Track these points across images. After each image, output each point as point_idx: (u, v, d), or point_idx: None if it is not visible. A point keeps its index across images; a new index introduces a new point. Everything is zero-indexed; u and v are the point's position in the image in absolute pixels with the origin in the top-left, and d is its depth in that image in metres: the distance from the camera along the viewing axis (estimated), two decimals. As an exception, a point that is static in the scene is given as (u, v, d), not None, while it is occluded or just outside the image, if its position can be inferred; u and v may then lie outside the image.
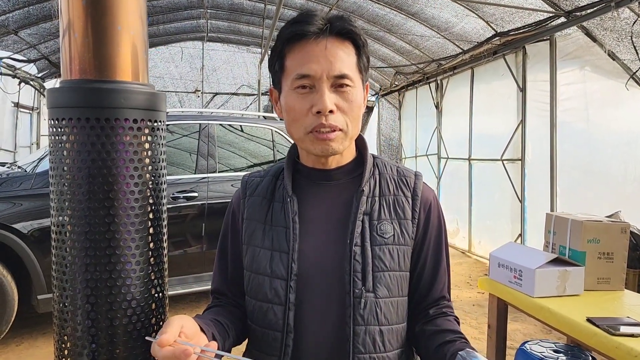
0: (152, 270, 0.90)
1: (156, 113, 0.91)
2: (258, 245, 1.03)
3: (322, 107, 0.92)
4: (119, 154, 0.85)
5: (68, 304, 0.85)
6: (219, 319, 1.00)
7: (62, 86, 0.87)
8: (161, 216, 0.93)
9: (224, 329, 0.99)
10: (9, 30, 6.53)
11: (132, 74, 0.89)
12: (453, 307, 1.10)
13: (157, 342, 0.78)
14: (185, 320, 0.84)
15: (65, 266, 0.85)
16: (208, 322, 0.95)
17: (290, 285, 0.97)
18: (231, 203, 1.13)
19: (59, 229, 0.86)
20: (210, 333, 0.92)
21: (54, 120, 0.86)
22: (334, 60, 0.94)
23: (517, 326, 4.02)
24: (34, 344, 3.59)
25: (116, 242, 0.85)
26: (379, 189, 1.04)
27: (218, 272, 1.13)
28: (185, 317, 0.85)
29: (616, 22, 4.18)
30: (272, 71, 1.03)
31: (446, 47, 6.60)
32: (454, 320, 1.06)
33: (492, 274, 2.38)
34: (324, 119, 0.93)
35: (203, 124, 4.35)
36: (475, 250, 6.56)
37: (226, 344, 0.98)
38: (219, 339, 0.94)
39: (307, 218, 1.02)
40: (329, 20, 0.96)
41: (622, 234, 2.20)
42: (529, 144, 5.38)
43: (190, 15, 8.64)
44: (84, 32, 0.85)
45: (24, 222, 3.37)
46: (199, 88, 10.53)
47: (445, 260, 1.09)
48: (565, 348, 2.12)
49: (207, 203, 4.12)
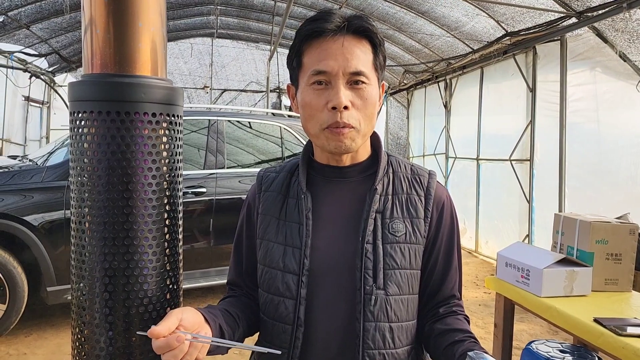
0: (167, 261, 0.92)
1: (174, 107, 0.93)
2: (272, 239, 1.05)
3: (337, 103, 0.94)
4: (137, 146, 0.86)
5: (86, 292, 0.88)
6: (229, 310, 1.02)
7: (84, 80, 0.89)
8: (177, 208, 0.95)
9: (233, 319, 1.01)
10: (21, 24, 6.59)
11: (152, 69, 0.91)
12: (463, 306, 1.10)
13: (148, 333, 0.79)
14: (186, 312, 0.85)
15: (85, 255, 0.87)
16: (216, 313, 0.96)
17: (302, 280, 0.99)
18: (247, 197, 1.15)
19: (79, 219, 0.88)
20: (217, 324, 0.93)
21: (75, 113, 0.88)
22: (351, 57, 0.95)
23: (523, 327, 4.02)
24: (42, 335, 3.64)
25: (134, 232, 0.87)
26: (392, 187, 1.06)
27: (234, 264, 1.16)
28: (188, 308, 0.86)
29: (628, 23, 4.16)
30: (290, 68, 1.05)
31: (456, 46, 6.58)
32: (464, 319, 1.06)
33: (499, 274, 2.38)
34: (339, 116, 0.95)
35: (212, 120, 4.38)
36: (482, 250, 6.55)
37: (236, 334, 1.00)
38: (227, 330, 0.96)
39: (320, 215, 1.04)
40: (347, 18, 0.97)
41: (630, 235, 2.20)
42: (537, 145, 5.37)
43: (200, 11, 8.67)
44: (105, 27, 0.87)
45: (35, 215, 3.41)
46: (207, 84, 10.57)
47: (457, 260, 1.09)
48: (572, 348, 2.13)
49: (215, 199, 4.15)
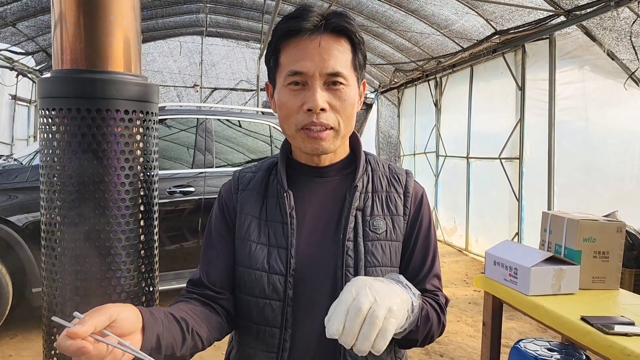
0: (142, 263, 0.89)
1: (148, 104, 0.90)
2: (254, 240, 1.01)
3: (313, 105, 0.92)
4: (109, 145, 0.84)
5: (57, 295, 0.85)
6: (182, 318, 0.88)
7: (53, 76, 0.86)
8: (152, 208, 0.92)
9: (180, 330, 0.87)
10: (7, 22, 6.50)
11: (125, 65, 0.88)
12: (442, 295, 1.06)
13: (67, 333, 0.66)
14: (125, 311, 0.73)
15: (55, 258, 0.85)
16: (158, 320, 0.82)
17: (289, 280, 0.97)
18: (220, 197, 1.09)
19: (49, 220, 0.85)
20: (155, 334, 0.79)
21: (44, 110, 0.85)
22: (328, 57, 0.93)
23: (512, 324, 4.03)
24: (28, 337, 3.58)
25: (106, 234, 0.84)
26: (372, 185, 1.05)
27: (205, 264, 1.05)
28: (129, 307, 0.75)
29: (616, 21, 4.17)
30: (268, 66, 1.02)
31: (446, 44, 6.58)
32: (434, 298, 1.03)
33: (487, 272, 2.37)
34: (315, 117, 0.93)
35: (201, 119, 4.34)
36: (472, 248, 6.57)
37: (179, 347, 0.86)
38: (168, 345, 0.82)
39: (301, 213, 1.01)
40: (324, 16, 0.95)
41: (617, 233, 2.20)
42: (527, 143, 5.38)
43: (189, 9, 8.60)
44: (75, 21, 0.84)
45: (19, 215, 3.36)
46: (197, 83, 10.50)
47: (433, 253, 1.07)
48: (560, 346, 2.13)
49: (203, 198, 4.11)
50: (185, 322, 0.88)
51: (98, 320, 0.68)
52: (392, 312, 0.75)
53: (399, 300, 0.78)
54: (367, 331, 0.73)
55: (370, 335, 0.73)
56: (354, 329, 0.73)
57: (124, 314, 0.72)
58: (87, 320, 0.67)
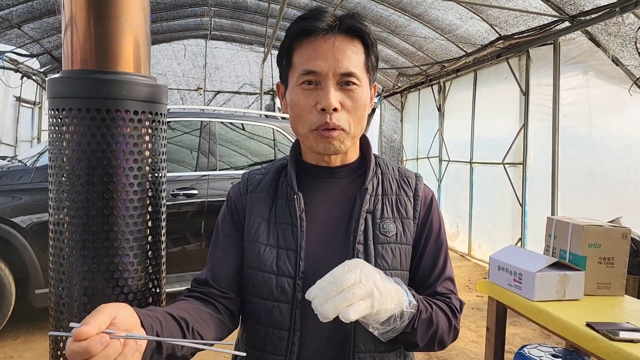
0: (149, 264, 0.89)
1: (157, 105, 0.90)
2: (263, 242, 1.01)
3: (327, 105, 0.92)
4: (118, 145, 0.84)
5: (65, 296, 0.85)
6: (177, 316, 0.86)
7: (63, 76, 0.86)
8: (160, 209, 0.92)
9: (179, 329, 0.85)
10: (12, 24, 6.53)
11: (134, 66, 0.88)
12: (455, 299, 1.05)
13: (74, 335, 0.65)
14: (121, 310, 0.72)
15: (63, 258, 0.84)
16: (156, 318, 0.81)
17: (297, 283, 0.96)
18: (229, 198, 1.09)
19: (57, 220, 0.85)
20: (155, 331, 0.78)
21: (53, 110, 0.85)
22: (342, 57, 0.93)
23: (516, 330, 4.01)
24: (30, 338, 3.58)
25: (114, 234, 0.84)
26: (382, 188, 1.04)
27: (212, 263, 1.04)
28: (124, 306, 0.74)
29: (620, 27, 4.17)
30: (280, 66, 1.02)
31: (449, 49, 6.59)
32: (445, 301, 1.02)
33: (491, 277, 2.37)
34: (328, 117, 0.93)
35: (204, 122, 4.35)
36: (475, 253, 6.55)
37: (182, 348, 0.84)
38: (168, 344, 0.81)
39: (311, 215, 1.01)
40: (338, 17, 0.95)
41: (623, 239, 2.19)
42: (530, 148, 5.37)
43: (194, 12, 8.64)
44: (86, 23, 0.85)
45: (23, 216, 3.36)
46: (201, 86, 10.53)
47: (444, 256, 1.07)
48: (564, 352, 2.12)
49: (207, 201, 4.11)
50: (185, 322, 0.86)
51: (100, 320, 0.68)
52: (372, 297, 0.79)
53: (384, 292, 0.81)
54: (339, 301, 0.76)
55: (339, 305, 0.76)
56: (328, 295, 0.77)
57: (120, 312, 0.72)
58: (90, 321, 0.67)
